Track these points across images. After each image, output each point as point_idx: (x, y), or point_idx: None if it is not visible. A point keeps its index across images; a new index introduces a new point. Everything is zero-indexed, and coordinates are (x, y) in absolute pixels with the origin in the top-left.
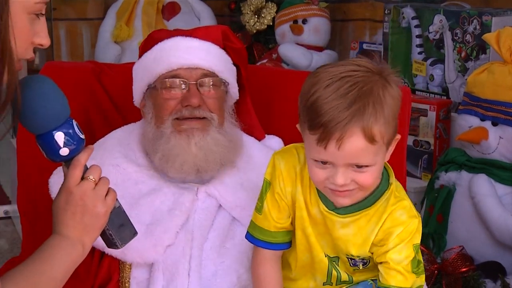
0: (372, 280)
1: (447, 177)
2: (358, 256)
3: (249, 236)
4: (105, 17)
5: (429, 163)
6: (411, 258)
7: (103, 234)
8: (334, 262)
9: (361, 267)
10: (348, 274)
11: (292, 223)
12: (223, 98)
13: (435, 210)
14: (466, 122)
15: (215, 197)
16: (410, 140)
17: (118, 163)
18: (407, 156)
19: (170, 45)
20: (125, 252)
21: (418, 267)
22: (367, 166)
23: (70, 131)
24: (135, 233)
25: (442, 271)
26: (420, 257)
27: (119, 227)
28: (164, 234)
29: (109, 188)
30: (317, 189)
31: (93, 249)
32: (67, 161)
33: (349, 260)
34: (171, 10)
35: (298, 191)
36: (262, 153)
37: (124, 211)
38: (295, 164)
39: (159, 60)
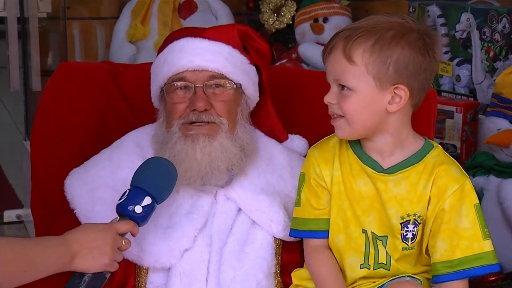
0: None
1: (474, 182)
2: (415, 214)
3: (292, 232)
4: (120, 16)
5: None
6: (476, 220)
7: (74, 283)
8: (381, 241)
9: (409, 244)
10: (387, 254)
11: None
12: (234, 101)
13: None
14: (495, 125)
15: (234, 200)
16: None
17: (135, 165)
18: None
19: (179, 46)
20: (142, 256)
21: (485, 230)
22: (349, 89)
23: (154, 205)
24: None
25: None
26: (483, 220)
27: (91, 286)
28: (181, 238)
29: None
30: (359, 157)
31: None
32: (124, 216)
33: (402, 228)
34: (187, 9)
35: (335, 167)
36: (283, 155)
37: (105, 282)
38: (330, 147)
39: (167, 62)
